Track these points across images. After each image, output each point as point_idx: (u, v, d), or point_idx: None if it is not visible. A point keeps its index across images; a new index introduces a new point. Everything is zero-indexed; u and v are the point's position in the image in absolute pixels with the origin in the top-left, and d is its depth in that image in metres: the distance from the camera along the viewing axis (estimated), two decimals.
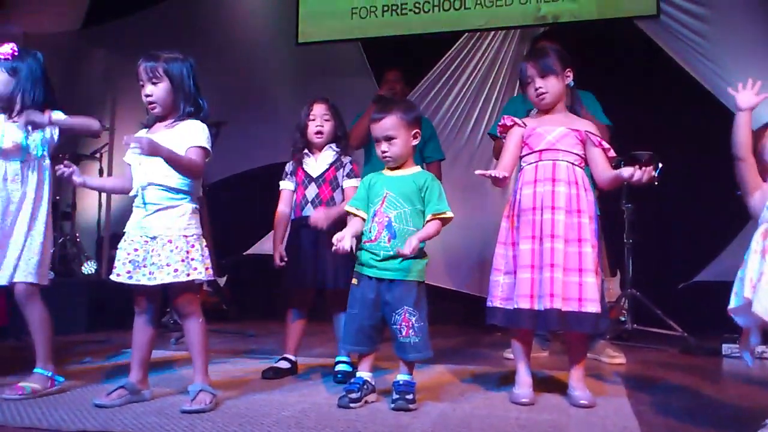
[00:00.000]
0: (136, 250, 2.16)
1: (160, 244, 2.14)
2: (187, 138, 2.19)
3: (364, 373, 2.27)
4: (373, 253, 2.25)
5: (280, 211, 2.86)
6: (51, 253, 2.46)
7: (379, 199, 2.29)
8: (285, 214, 2.85)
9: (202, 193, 2.32)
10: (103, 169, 5.45)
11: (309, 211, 2.76)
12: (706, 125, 4.44)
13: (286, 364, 2.77)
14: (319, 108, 2.83)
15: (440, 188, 2.29)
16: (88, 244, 5.48)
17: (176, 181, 2.18)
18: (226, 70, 5.29)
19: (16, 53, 2.43)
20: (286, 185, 2.86)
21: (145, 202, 2.18)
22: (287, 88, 5.54)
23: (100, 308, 4.17)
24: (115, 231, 5.11)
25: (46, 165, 2.46)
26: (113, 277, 2.18)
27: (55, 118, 2.41)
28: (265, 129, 5.33)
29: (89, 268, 5.03)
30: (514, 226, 2.37)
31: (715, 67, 4.60)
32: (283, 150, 3.39)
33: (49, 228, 2.44)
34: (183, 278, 2.12)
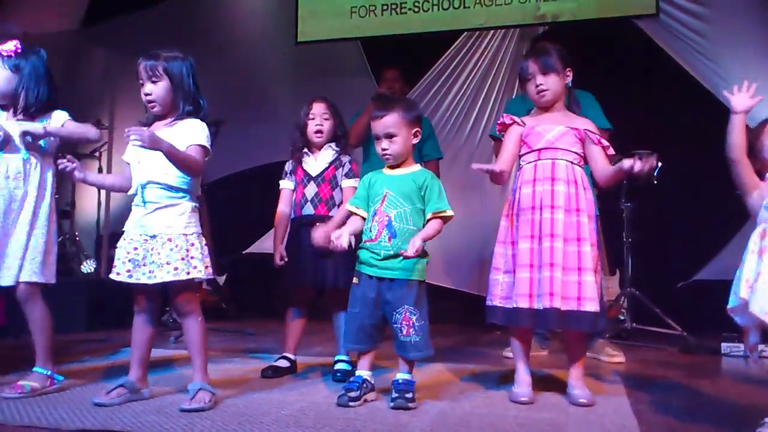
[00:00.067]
0: (136, 249, 2.16)
1: (160, 242, 2.14)
2: (186, 137, 2.19)
3: (363, 372, 2.27)
4: (374, 253, 2.25)
5: (280, 210, 2.86)
6: (56, 251, 2.44)
7: (379, 198, 2.29)
8: (285, 214, 2.85)
9: (201, 192, 2.31)
10: (102, 167, 5.45)
11: (308, 209, 2.76)
12: (705, 124, 4.43)
13: (285, 363, 2.77)
14: (319, 107, 2.83)
15: (440, 187, 2.29)
16: (88, 242, 5.48)
17: (176, 180, 2.17)
18: (226, 69, 5.29)
19: (19, 50, 2.41)
20: (286, 184, 2.86)
21: (144, 201, 2.18)
22: (286, 87, 5.53)
23: (100, 307, 4.17)
24: (114, 230, 5.12)
25: (49, 163, 2.45)
26: (113, 276, 2.18)
27: (51, 128, 2.38)
28: (265, 128, 5.32)
29: (88, 266, 5.03)
30: (513, 225, 2.37)
31: (714, 67, 4.60)
32: (282, 149, 3.39)
33: (53, 226, 2.43)
34: (183, 277, 2.12)
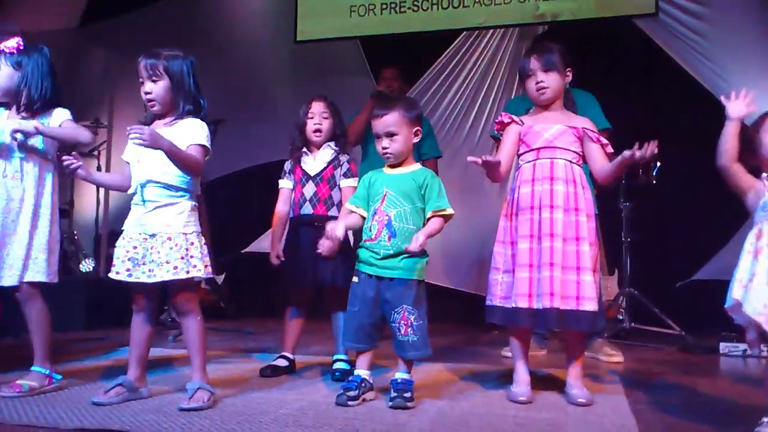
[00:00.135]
0: (135, 248, 2.16)
1: (160, 241, 2.14)
2: (186, 136, 2.19)
3: (362, 372, 2.27)
4: (374, 252, 2.25)
5: (279, 210, 2.86)
6: (58, 251, 2.43)
7: (379, 198, 2.29)
8: (283, 213, 2.85)
9: (200, 191, 2.30)
10: (101, 166, 5.44)
11: (307, 209, 2.76)
12: (704, 124, 4.41)
13: (284, 362, 2.77)
14: (318, 106, 2.83)
15: (440, 185, 2.29)
16: (86, 241, 5.47)
17: (175, 179, 2.17)
18: (224, 67, 5.28)
19: (21, 47, 2.41)
20: (285, 184, 2.86)
21: (144, 200, 2.17)
22: (285, 85, 5.53)
23: (98, 306, 4.17)
24: (113, 228, 5.12)
25: (48, 162, 2.43)
26: (112, 275, 2.17)
27: (42, 127, 2.34)
28: (264, 127, 5.32)
29: (87, 265, 5.02)
30: (512, 224, 2.37)
31: (714, 66, 4.60)
32: (281, 148, 3.39)
33: (55, 225, 2.41)
34: (182, 276, 2.12)
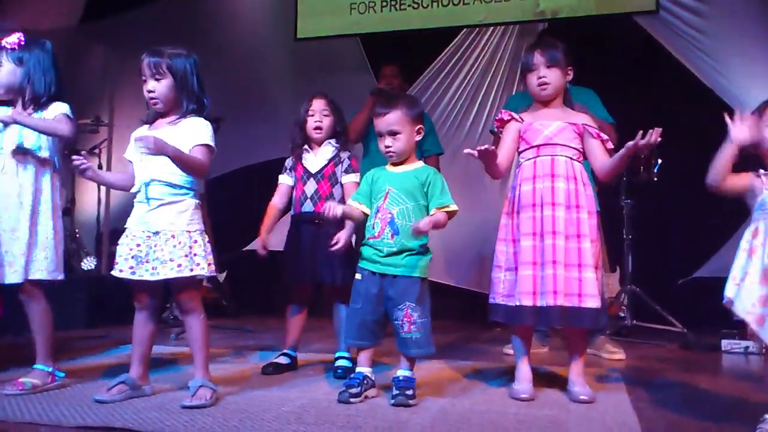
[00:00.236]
0: (139, 246, 2.16)
1: (163, 239, 2.14)
2: (191, 136, 2.19)
3: (364, 369, 2.28)
4: (377, 249, 2.25)
5: (274, 202, 2.85)
6: (63, 248, 2.40)
7: (382, 195, 2.29)
8: (277, 206, 2.84)
9: (204, 190, 2.30)
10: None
11: (308, 206, 2.76)
12: (705, 121, 4.41)
13: (285, 360, 2.78)
14: (318, 103, 2.83)
15: (443, 182, 2.29)
16: (88, 239, 5.47)
17: (179, 177, 2.17)
18: (225, 66, 5.27)
19: (23, 43, 2.39)
20: (285, 179, 2.86)
21: (148, 198, 2.17)
22: (286, 83, 5.52)
23: (100, 304, 4.17)
24: (115, 227, 5.11)
25: (47, 159, 2.39)
26: (115, 273, 2.17)
27: (20, 117, 2.29)
28: (264, 125, 5.31)
29: (89, 264, 5.02)
30: (513, 222, 2.36)
31: (714, 63, 4.59)
32: (282, 146, 3.38)
33: (57, 222, 2.38)
34: (186, 273, 2.12)
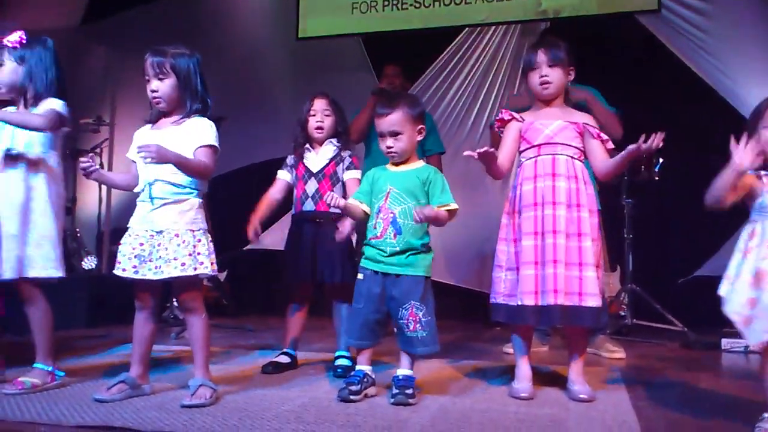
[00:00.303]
0: (142, 245, 2.15)
1: (167, 238, 2.14)
2: (195, 136, 2.19)
3: (364, 367, 2.28)
4: (380, 249, 2.25)
5: (269, 193, 2.82)
6: (57, 245, 2.35)
7: (383, 195, 2.29)
8: (273, 197, 2.81)
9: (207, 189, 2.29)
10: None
11: (309, 205, 2.76)
12: (707, 121, 4.42)
13: (285, 359, 2.78)
14: (320, 103, 2.83)
15: (443, 181, 2.29)
16: (89, 239, 5.48)
17: (183, 177, 2.17)
18: (226, 65, 5.27)
19: (24, 41, 2.38)
20: (284, 175, 2.84)
21: (151, 197, 2.17)
22: (287, 83, 5.52)
23: (100, 303, 4.17)
24: (116, 226, 5.11)
25: (40, 155, 2.34)
26: (118, 272, 2.17)
27: None
28: (265, 124, 5.31)
29: (89, 263, 5.02)
30: (515, 222, 2.36)
31: (716, 63, 4.59)
32: (282, 145, 3.38)
33: (53, 219, 2.34)
34: (190, 272, 2.12)
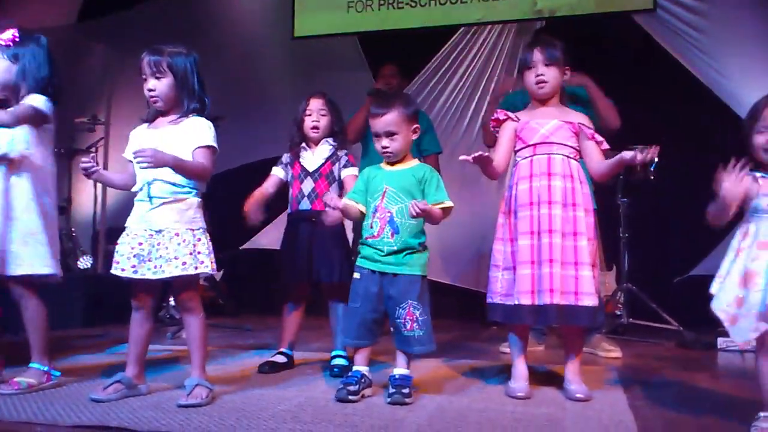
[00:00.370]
0: (141, 244, 2.15)
1: (167, 237, 2.13)
2: (193, 137, 2.18)
3: (361, 367, 2.28)
4: (377, 249, 2.25)
5: (262, 186, 2.79)
6: (48, 243, 2.33)
7: (379, 194, 2.29)
8: (265, 189, 2.78)
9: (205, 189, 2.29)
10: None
11: (305, 205, 2.76)
12: (703, 120, 4.44)
13: (282, 359, 2.78)
14: (316, 103, 2.83)
15: (438, 179, 2.29)
16: (84, 238, 5.46)
17: (182, 176, 2.16)
18: (222, 64, 5.25)
19: (17, 39, 2.37)
20: (277, 171, 2.83)
21: (150, 196, 2.16)
22: (284, 82, 5.52)
23: (96, 303, 4.16)
24: (111, 225, 5.10)
25: (23, 152, 2.30)
26: (116, 272, 2.16)
27: None
28: (261, 123, 5.31)
29: (85, 262, 5.01)
30: (511, 222, 2.37)
31: (712, 62, 4.59)
32: (280, 144, 3.37)
33: (40, 217, 2.31)
34: (191, 271, 2.12)
